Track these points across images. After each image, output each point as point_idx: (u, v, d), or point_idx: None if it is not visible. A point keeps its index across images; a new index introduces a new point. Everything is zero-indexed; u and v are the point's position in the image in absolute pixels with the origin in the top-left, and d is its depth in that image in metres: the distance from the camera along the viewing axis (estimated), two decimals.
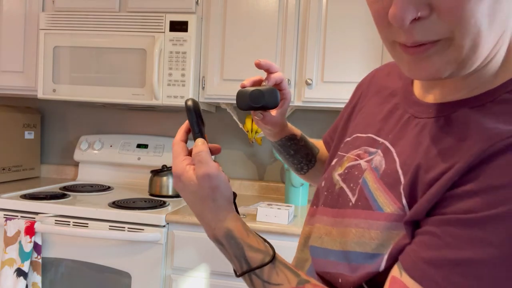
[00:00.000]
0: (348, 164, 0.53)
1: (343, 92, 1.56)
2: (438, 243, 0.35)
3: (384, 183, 0.45)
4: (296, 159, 0.81)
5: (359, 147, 0.53)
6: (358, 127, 0.57)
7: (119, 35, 1.64)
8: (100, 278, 1.43)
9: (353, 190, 0.49)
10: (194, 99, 0.55)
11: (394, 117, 0.51)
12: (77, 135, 2.13)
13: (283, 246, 1.34)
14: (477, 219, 0.33)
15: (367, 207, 0.45)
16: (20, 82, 1.80)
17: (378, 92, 0.58)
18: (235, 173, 2.00)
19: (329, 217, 0.51)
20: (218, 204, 0.51)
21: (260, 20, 1.62)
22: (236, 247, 0.50)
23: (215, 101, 1.69)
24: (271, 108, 0.66)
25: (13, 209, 1.49)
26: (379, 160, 0.48)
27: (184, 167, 0.52)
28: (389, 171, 0.45)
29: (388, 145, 0.48)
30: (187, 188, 0.52)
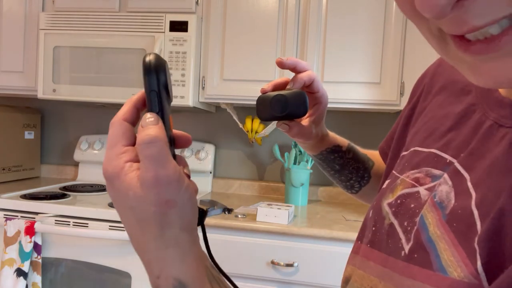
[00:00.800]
0: (401, 192, 0.38)
1: (343, 92, 1.56)
2: None
3: (452, 230, 0.31)
4: (344, 175, 0.66)
5: (419, 167, 0.38)
6: (417, 137, 0.42)
7: (119, 35, 1.64)
8: (100, 278, 1.43)
9: (407, 232, 0.34)
10: (157, 54, 0.33)
11: (469, 124, 0.36)
12: (77, 135, 2.13)
13: (283, 246, 1.34)
14: None
15: (426, 265, 0.31)
16: (20, 82, 1.80)
17: (445, 88, 0.43)
18: (235, 173, 2.00)
19: (376, 264, 0.37)
20: (170, 233, 0.32)
21: (260, 20, 1.62)
22: None
23: (215, 101, 1.69)
24: (298, 116, 0.54)
25: (13, 209, 1.49)
26: (446, 190, 0.33)
27: (122, 164, 0.32)
28: (460, 210, 0.31)
29: (459, 168, 0.34)
30: (123, 199, 0.32)
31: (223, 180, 1.99)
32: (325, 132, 0.63)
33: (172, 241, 0.32)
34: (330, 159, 0.64)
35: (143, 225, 0.32)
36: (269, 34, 1.62)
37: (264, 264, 1.34)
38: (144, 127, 0.31)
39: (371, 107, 1.56)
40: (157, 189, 0.31)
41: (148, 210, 0.31)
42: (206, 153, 1.92)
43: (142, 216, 0.31)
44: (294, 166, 1.71)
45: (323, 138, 0.62)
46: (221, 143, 2.01)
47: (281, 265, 1.32)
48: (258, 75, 1.61)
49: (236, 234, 1.37)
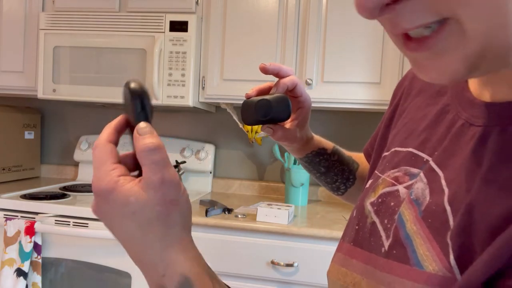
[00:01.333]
0: (382, 191, 0.40)
1: (343, 92, 1.56)
2: None
3: (427, 226, 0.32)
4: (329, 177, 0.67)
5: (398, 166, 0.40)
6: (397, 137, 0.44)
7: (119, 35, 1.64)
8: (100, 278, 1.43)
9: (387, 230, 0.36)
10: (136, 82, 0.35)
11: (443, 123, 0.37)
12: (77, 135, 2.13)
13: (283, 246, 1.34)
14: None
15: (404, 260, 0.33)
16: (20, 82, 1.80)
17: (423, 90, 0.44)
18: (235, 173, 2.00)
19: (359, 261, 0.38)
20: (174, 232, 0.34)
21: (260, 20, 1.62)
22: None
23: (215, 101, 1.69)
24: (282, 120, 0.55)
25: (13, 209, 1.49)
26: (421, 188, 0.35)
27: (116, 178, 0.33)
28: (434, 207, 0.32)
29: (433, 166, 0.35)
30: (122, 208, 0.33)
31: (223, 180, 1.99)
32: (310, 135, 0.64)
33: (176, 239, 0.34)
34: (315, 162, 0.65)
35: (146, 228, 0.33)
36: (269, 34, 1.62)
37: (264, 264, 1.34)
38: (142, 135, 0.34)
39: (371, 107, 1.56)
40: (163, 190, 0.33)
41: (153, 211, 0.33)
42: (206, 153, 1.92)
43: (146, 218, 0.33)
44: (294, 166, 1.71)
45: (308, 141, 0.63)
46: (221, 143, 2.01)
47: (281, 265, 1.32)
48: (258, 75, 1.61)
49: (236, 234, 1.37)
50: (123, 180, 0.33)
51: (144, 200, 0.33)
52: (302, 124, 0.61)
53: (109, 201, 0.33)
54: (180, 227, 0.35)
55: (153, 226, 0.33)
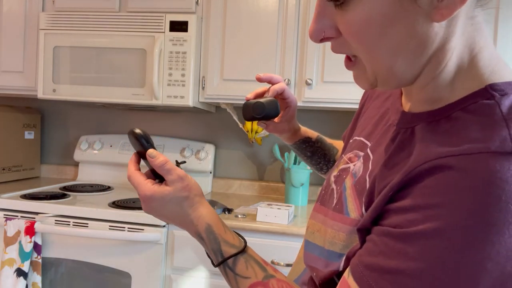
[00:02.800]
0: (341, 167, 0.57)
1: (343, 92, 1.56)
2: (375, 250, 0.38)
3: (355, 190, 0.49)
4: (314, 160, 0.86)
5: (352, 150, 0.56)
6: (358, 129, 0.59)
7: (119, 35, 1.64)
8: (100, 278, 1.43)
9: (337, 193, 0.53)
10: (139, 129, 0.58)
11: (383, 122, 0.52)
12: (77, 135, 2.13)
13: (283, 246, 1.34)
14: (403, 234, 0.36)
15: (340, 211, 0.50)
16: (20, 82, 1.80)
17: (380, 95, 0.59)
18: (235, 173, 2.00)
19: (321, 214, 0.55)
20: (195, 201, 0.57)
21: (260, 20, 1.62)
22: (214, 241, 0.55)
23: (215, 101, 1.69)
24: (273, 117, 0.72)
25: (13, 209, 1.49)
26: (358, 166, 0.52)
27: (152, 186, 0.56)
28: (362, 179, 0.49)
29: (369, 151, 0.51)
30: (163, 201, 0.55)
31: (223, 180, 1.99)
32: (297, 127, 0.83)
33: (198, 203, 0.57)
34: (302, 148, 0.85)
35: (181, 203, 0.56)
36: (269, 34, 1.62)
37: None
38: (154, 158, 0.56)
39: None
40: (179, 182, 0.56)
41: (181, 195, 0.56)
42: (206, 153, 1.92)
43: (179, 198, 0.56)
44: (294, 166, 1.71)
45: (296, 132, 0.83)
46: (221, 143, 2.01)
47: (281, 265, 1.31)
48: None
49: None
50: (156, 185, 0.56)
51: (173, 191, 0.55)
52: (290, 119, 0.79)
53: (153, 200, 0.55)
54: (198, 196, 0.57)
55: (184, 201, 0.56)
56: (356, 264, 0.40)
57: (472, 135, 0.36)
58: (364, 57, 0.40)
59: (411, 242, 0.35)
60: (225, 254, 0.54)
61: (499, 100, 0.37)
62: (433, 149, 0.37)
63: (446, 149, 0.36)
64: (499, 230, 0.31)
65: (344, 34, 0.40)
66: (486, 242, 0.32)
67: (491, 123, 0.36)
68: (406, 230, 0.36)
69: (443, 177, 0.35)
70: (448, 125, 0.39)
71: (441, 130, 0.39)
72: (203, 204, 0.58)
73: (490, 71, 0.40)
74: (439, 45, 0.38)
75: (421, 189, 0.36)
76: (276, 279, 0.52)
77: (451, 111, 0.40)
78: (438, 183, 0.35)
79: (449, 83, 0.41)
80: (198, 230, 0.56)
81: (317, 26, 0.41)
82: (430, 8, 0.36)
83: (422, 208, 0.35)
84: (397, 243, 0.36)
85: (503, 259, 0.32)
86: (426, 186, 0.36)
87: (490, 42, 0.41)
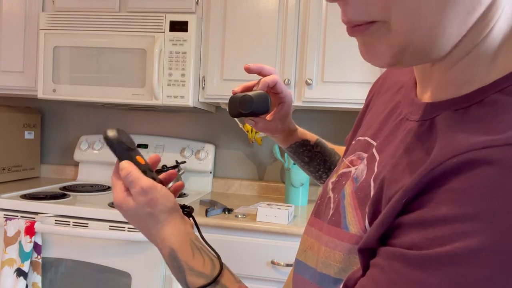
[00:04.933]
0: (341, 171, 0.47)
1: (343, 92, 1.56)
2: (383, 279, 0.29)
3: (356, 198, 0.40)
4: (313, 166, 0.74)
5: (355, 152, 0.47)
6: (363, 128, 0.50)
7: (119, 35, 1.64)
8: (100, 278, 1.43)
9: (334, 202, 0.44)
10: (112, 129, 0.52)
11: (394, 117, 0.42)
12: (77, 135, 2.13)
13: (283, 246, 1.34)
14: (422, 257, 0.27)
15: (337, 224, 0.41)
16: (20, 82, 1.80)
17: (389, 89, 0.49)
18: (235, 173, 2.00)
19: (316, 229, 0.46)
20: (160, 219, 0.49)
21: (260, 20, 1.62)
22: (179, 270, 0.47)
23: (215, 101, 1.69)
24: (262, 113, 0.63)
25: (13, 209, 1.49)
26: (361, 169, 0.42)
27: (122, 194, 0.50)
28: (365, 183, 0.39)
29: (374, 151, 0.42)
30: (129, 212, 0.50)
31: (223, 180, 1.99)
32: (293, 127, 0.70)
33: (164, 222, 0.49)
34: (299, 152, 0.73)
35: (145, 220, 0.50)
36: (269, 34, 1.62)
37: (264, 264, 1.34)
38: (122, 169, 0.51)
39: None
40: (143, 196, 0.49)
41: (143, 210, 0.49)
42: (206, 153, 1.92)
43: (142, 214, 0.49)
44: (294, 166, 1.71)
45: (292, 133, 0.70)
46: (221, 143, 2.01)
47: (281, 265, 1.32)
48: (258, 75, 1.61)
49: (236, 234, 1.37)
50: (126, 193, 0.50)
51: (136, 205, 0.49)
52: (284, 117, 0.67)
53: (122, 209, 0.51)
54: (164, 213, 0.49)
55: (147, 219, 0.49)
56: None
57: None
58: (403, 12, 0.29)
59: (434, 269, 0.26)
60: (191, 285, 0.46)
61: None
62: (463, 140, 0.28)
63: (483, 138, 0.27)
64: None
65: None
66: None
67: None
68: (426, 253, 0.27)
69: (480, 176, 0.26)
70: (482, 111, 0.30)
71: (473, 118, 0.30)
72: (170, 222, 0.49)
73: None
74: (485, 10, 0.30)
75: (447, 193, 0.27)
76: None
77: (486, 94, 0.31)
78: (472, 185, 0.26)
79: (490, 58, 0.31)
80: (163, 254, 0.49)
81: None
82: None
83: (450, 220, 0.26)
84: (414, 270, 0.27)
85: None
86: (455, 190, 0.27)
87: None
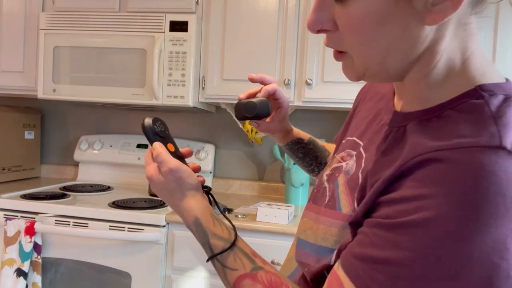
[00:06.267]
0: (334, 166, 0.58)
1: (343, 92, 1.56)
2: (366, 241, 0.40)
3: (348, 187, 0.51)
4: (306, 161, 0.87)
5: (345, 149, 0.58)
6: (351, 130, 0.61)
7: (119, 35, 1.64)
8: (100, 278, 1.43)
9: (330, 191, 0.55)
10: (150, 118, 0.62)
11: (376, 122, 0.54)
12: (77, 135, 2.13)
13: (283, 246, 1.34)
14: (393, 224, 0.37)
15: (333, 207, 0.52)
16: (20, 82, 1.80)
17: (372, 97, 0.61)
18: (235, 173, 2.00)
19: (313, 213, 0.57)
20: (185, 194, 0.59)
21: (260, 20, 1.62)
22: (203, 234, 0.56)
23: (215, 101, 1.69)
24: (263, 117, 0.74)
25: (13, 209, 1.49)
26: (351, 164, 0.53)
27: (155, 170, 0.59)
28: (354, 176, 0.50)
29: (361, 150, 0.53)
30: (159, 186, 0.59)
31: (223, 180, 1.99)
32: (289, 127, 0.84)
33: (189, 195, 0.59)
34: (294, 149, 0.85)
35: (172, 194, 0.59)
36: (269, 34, 1.62)
37: None
38: (154, 149, 0.60)
39: None
40: (171, 174, 0.58)
41: (171, 186, 0.59)
42: (206, 153, 1.92)
43: (170, 189, 0.59)
44: (294, 166, 1.71)
45: (288, 133, 0.84)
46: (221, 143, 2.01)
47: (281, 265, 1.31)
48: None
49: None
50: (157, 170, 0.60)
51: (165, 181, 0.59)
52: (282, 119, 0.80)
53: (153, 182, 0.60)
54: (189, 189, 0.59)
55: (176, 193, 0.59)
56: (346, 255, 0.41)
57: (462, 131, 0.38)
58: (357, 50, 0.42)
59: (400, 232, 0.36)
60: (214, 247, 0.55)
61: (488, 100, 0.39)
62: (424, 144, 0.39)
63: (437, 143, 0.37)
64: (486, 222, 0.32)
65: (341, 28, 0.42)
66: (473, 232, 0.33)
67: (481, 120, 0.38)
68: (396, 221, 0.37)
69: (433, 170, 0.36)
70: (439, 123, 0.41)
71: (432, 127, 0.41)
72: (194, 196, 0.59)
73: (480, 73, 0.41)
74: (429, 46, 0.41)
75: (411, 181, 0.38)
76: (265, 271, 0.52)
77: (442, 110, 0.41)
78: (427, 175, 0.36)
79: (440, 83, 0.42)
80: (187, 222, 0.58)
81: (316, 17, 0.43)
82: (424, 11, 0.38)
83: (412, 199, 0.36)
84: (387, 233, 0.37)
85: (489, 250, 0.32)
86: (416, 179, 0.37)
87: (481, 47, 0.43)
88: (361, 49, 0.42)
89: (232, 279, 0.53)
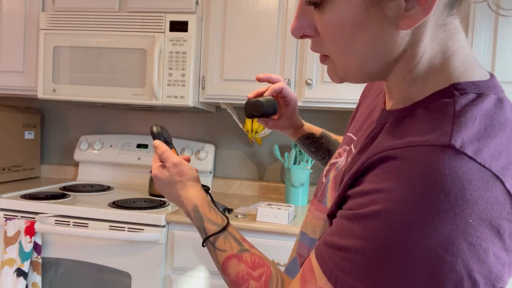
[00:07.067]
0: (332, 161, 0.62)
1: (343, 92, 1.56)
2: (334, 230, 0.43)
3: (334, 182, 0.54)
4: (319, 155, 0.92)
5: (342, 145, 0.62)
6: (352, 126, 0.64)
7: (119, 35, 1.64)
8: (100, 278, 1.43)
9: (323, 186, 0.60)
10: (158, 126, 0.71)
11: (369, 119, 0.56)
12: (77, 135, 2.13)
13: (283, 246, 1.34)
14: (352, 215, 0.40)
15: (321, 202, 0.57)
16: (20, 82, 1.80)
17: (373, 93, 0.63)
18: (235, 173, 2.00)
19: (313, 206, 0.61)
20: (186, 184, 0.65)
21: (260, 20, 1.62)
22: (199, 219, 0.62)
23: (215, 101, 1.69)
24: (270, 115, 0.77)
25: (13, 209, 1.49)
26: (341, 160, 0.58)
27: (157, 169, 0.67)
28: (341, 171, 0.53)
29: (352, 146, 0.56)
30: (164, 181, 0.66)
31: (223, 180, 1.99)
32: (299, 123, 0.88)
33: (189, 186, 0.65)
34: (306, 144, 0.90)
35: (175, 185, 0.65)
36: (269, 34, 1.62)
37: None
38: (157, 147, 0.69)
39: None
40: (175, 168, 0.65)
41: (174, 178, 0.65)
42: (206, 153, 1.92)
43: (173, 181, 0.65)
44: (294, 166, 1.71)
45: (299, 128, 0.88)
46: (221, 143, 2.01)
47: (281, 265, 1.31)
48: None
49: None
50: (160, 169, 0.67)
51: (169, 175, 0.65)
52: (290, 116, 0.84)
53: (158, 178, 0.66)
54: (190, 180, 0.66)
55: (178, 184, 0.65)
56: (319, 243, 0.44)
57: (420, 129, 0.39)
58: (336, 55, 0.45)
59: (358, 222, 0.39)
60: (207, 230, 0.61)
61: (457, 99, 0.40)
62: (386, 142, 0.41)
63: (395, 141, 0.40)
64: (430, 217, 0.34)
65: (321, 34, 0.44)
66: (418, 227, 0.35)
67: (442, 119, 0.39)
68: (355, 212, 0.40)
69: (388, 166, 0.39)
70: (409, 121, 0.42)
71: (402, 126, 0.43)
72: (194, 187, 0.66)
73: (460, 72, 0.42)
74: (406, 48, 0.42)
75: (371, 176, 0.41)
76: (250, 253, 0.56)
77: (416, 109, 0.43)
78: (383, 171, 0.39)
79: (420, 83, 0.43)
80: (187, 209, 0.64)
81: (298, 24, 0.45)
82: (396, 16, 0.39)
83: (369, 193, 0.39)
84: (348, 223, 0.40)
85: (434, 243, 0.34)
86: (375, 174, 0.40)
87: (466, 45, 0.43)
88: (340, 54, 0.44)
89: (221, 259, 0.58)
